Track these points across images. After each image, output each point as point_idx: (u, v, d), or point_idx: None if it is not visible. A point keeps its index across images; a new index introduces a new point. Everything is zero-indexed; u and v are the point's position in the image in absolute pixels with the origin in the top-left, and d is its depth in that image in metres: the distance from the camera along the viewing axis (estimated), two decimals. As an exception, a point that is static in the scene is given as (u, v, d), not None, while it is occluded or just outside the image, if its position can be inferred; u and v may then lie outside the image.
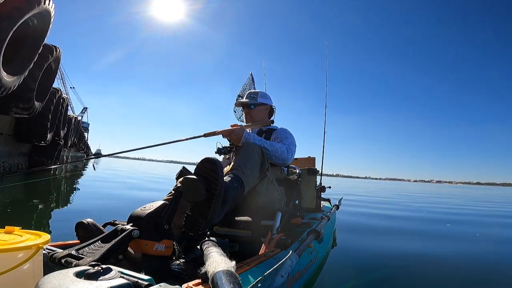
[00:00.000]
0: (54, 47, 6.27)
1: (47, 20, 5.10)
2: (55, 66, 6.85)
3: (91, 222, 1.01)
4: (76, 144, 17.27)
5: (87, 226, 1.00)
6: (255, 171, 1.34)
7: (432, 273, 1.93)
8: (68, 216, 3.11)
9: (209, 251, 0.78)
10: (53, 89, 7.60)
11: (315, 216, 2.16)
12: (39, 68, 5.77)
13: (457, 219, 5.14)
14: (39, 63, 5.65)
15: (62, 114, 9.41)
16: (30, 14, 4.42)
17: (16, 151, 7.56)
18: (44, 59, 5.87)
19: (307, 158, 2.88)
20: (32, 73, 5.47)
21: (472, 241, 3.20)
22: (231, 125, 1.60)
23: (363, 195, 10.76)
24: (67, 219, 2.86)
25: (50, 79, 6.95)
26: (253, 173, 1.32)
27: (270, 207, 1.48)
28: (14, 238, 0.73)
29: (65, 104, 9.66)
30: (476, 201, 10.93)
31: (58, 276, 0.50)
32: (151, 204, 0.94)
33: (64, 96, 9.43)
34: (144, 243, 0.87)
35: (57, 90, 8.14)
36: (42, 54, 5.67)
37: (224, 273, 0.59)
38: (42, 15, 4.86)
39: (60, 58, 6.79)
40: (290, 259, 0.95)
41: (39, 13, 4.71)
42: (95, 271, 0.53)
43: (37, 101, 6.27)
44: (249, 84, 2.83)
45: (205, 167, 1.01)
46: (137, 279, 0.58)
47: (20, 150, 7.88)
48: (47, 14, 4.98)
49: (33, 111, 6.22)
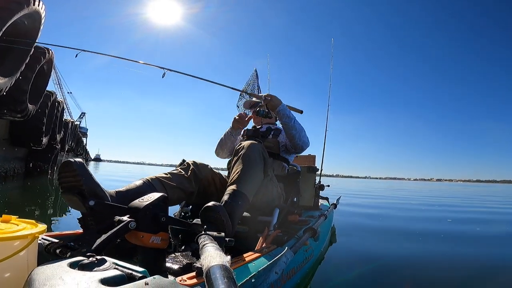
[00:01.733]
0: (47, 49, 6.24)
1: (37, 21, 5.07)
2: (48, 68, 6.80)
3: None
4: (73, 149, 17.23)
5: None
6: (258, 177, 1.33)
7: (430, 271, 1.93)
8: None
9: (205, 245, 0.78)
10: (47, 92, 7.55)
11: (312, 214, 2.16)
12: (32, 70, 5.74)
13: (457, 216, 5.14)
14: (31, 65, 5.63)
15: (57, 117, 9.36)
16: (19, 15, 4.39)
17: (11, 156, 7.52)
18: (36, 61, 5.84)
19: (307, 155, 2.88)
20: (24, 75, 5.44)
21: (472, 239, 3.19)
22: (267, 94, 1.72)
23: (363, 195, 10.77)
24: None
25: (44, 81, 6.90)
26: (257, 181, 1.31)
27: (268, 204, 1.48)
28: (11, 227, 0.73)
29: (60, 108, 9.59)
30: (476, 199, 10.94)
31: (52, 266, 0.50)
32: (149, 196, 0.94)
33: (60, 100, 9.38)
34: (141, 235, 0.87)
35: (52, 93, 8.07)
36: (34, 56, 5.65)
37: (218, 267, 0.59)
38: (32, 16, 4.84)
39: (53, 60, 6.74)
40: (285, 256, 0.96)
41: (29, 14, 4.68)
42: (90, 261, 0.53)
43: (30, 103, 6.21)
44: (253, 80, 2.82)
45: (209, 215, 1.01)
46: (132, 271, 0.58)
47: (16, 155, 7.83)
48: (37, 15, 4.95)
49: (26, 114, 6.16)
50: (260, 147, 1.38)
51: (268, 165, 1.41)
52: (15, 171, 7.62)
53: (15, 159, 7.76)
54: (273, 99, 1.67)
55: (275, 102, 1.66)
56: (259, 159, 1.34)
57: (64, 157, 14.53)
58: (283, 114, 1.66)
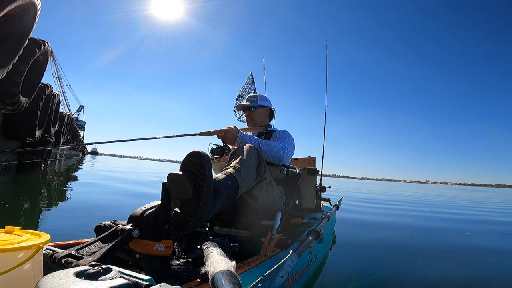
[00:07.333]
0: (42, 41, 6.09)
1: (32, 13, 4.95)
2: (43, 61, 6.66)
3: (109, 224, 1.00)
4: (69, 142, 17.18)
5: (105, 228, 0.99)
6: (251, 173, 1.32)
7: (434, 273, 1.93)
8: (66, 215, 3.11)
9: (209, 251, 0.78)
10: (42, 84, 7.41)
11: (315, 216, 2.16)
12: (25, 62, 5.61)
13: (457, 218, 5.14)
14: (24, 57, 5.50)
15: (52, 110, 9.16)
16: (13, 5, 4.25)
17: (4, 148, 7.40)
18: (30, 54, 5.71)
19: (307, 158, 2.88)
20: (16, 67, 5.30)
21: (474, 241, 3.20)
22: (227, 127, 1.60)
23: (362, 195, 10.76)
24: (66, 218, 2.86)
25: (39, 74, 6.76)
26: (249, 175, 1.30)
27: (269, 207, 1.48)
28: (14, 238, 0.73)
29: (56, 101, 9.41)
30: (472, 202, 10.97)
31: (58, 276, 0.50)
32: (151, 204, 0.94)
33: (55, 93, 9.18)
34: (144, 243, 0.87)
35: (47, 86, 7.89)
36: (29, 48, 5.50)
37: (224, 273, 0.59)
38: (27, 7, 4.72)
39: (48, 52, 6.61)
40: (290, 259, 0.95)
41: (23, 6, 4.56)
42: (95, 271, 0.53)
43: (23, 96, 6.12)
44: (249, 84, 2.84)
45: (192, 161, 0.93)
46: (137, 279, 0.58)
47: (8, 147, 7.69)
48: (32, 7, 4.83)
49: (18, 106, 6.06)
50: (256, 149, 1.40)
51: (264, 168, 1.42)
52: (8, 164, 7.53)
53: (7, 152, 7.65)
54: (228, 134, 1.55)
55: (230, 137, 1.55)
56: (254, 159, 1.36)
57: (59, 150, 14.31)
58: (244, 144, 1.50)
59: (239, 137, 1.54)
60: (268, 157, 1.60)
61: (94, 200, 4.34)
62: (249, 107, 1.91)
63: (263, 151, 1.56)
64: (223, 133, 1.55)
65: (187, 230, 0.91)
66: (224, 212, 1.45)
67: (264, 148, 1.58)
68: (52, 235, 0.79)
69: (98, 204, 3.99)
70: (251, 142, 1.54)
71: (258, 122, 1.93)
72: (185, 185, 0.89)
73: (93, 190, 5.63)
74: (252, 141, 1.55)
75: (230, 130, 1.55)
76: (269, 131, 1.88)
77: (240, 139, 1.54)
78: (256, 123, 1.93)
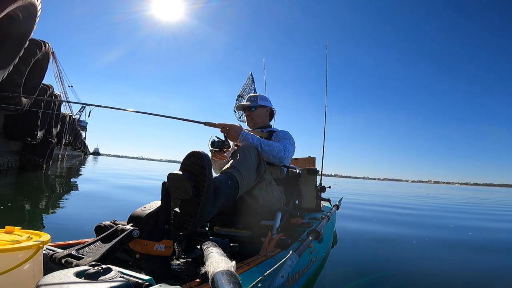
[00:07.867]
0: (43, 42, 6.07)
1: (33, 14, 4.94)
2: (44, 62, 6.65)
3: (109, 224, 1.00)
4: (71, 142, 17.20)
5: (105, 228, 0.99)
6: (251, 173, 1.32)
7: (434, 273, 1.93)
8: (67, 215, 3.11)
9: (209, 251, 0.78)
10: (44, 85, 7.39)
11: (315, 216, 2.16)
12: (26, 63, 5.60)
13: (458, 217, 5.14)
14: (25, 58, 5.49)
15: (54, 111, 9.14)
16: (13, 6, 4.24)
17: (5, 149, 7.40)
18: (31, 54, 5.69)
19: (307, 158, 2.88)
20: (17, 68, 5.30)
21: (474, 242, 3.20)
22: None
23: (363, 196, 10.75)
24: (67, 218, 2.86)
25: (40, 75, 6.76)
26: (249, 175, 1.30)
27: (270, 207, 1.48)
28: (14, 238, 0.73)
29: (57, 102, 9.46)
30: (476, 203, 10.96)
31: (58, 276, 0.50)
32: (151, 204, 0.94)
33: (57, 93, 9.18)
34: (144, 243, 0.87)
35: (49, 87, 7.86)
36: (29, 49, 5.49)
37: (224, 273, 0.59)
38: (27, 8, 4.70)
39: (49, 53, 6.60)
40: (290, 259, 0.95)
41: (24, 6, 4.54)
42: (95, 271, 0.53)
43: (24, 97, 6.13)
44: (249, 84, 2.84)
45: (192, 161, 0.93)
46: (137, 279, 0.58)
47: (10, 148, 7.70)
48: (32, 7, 4.81)
49: (19, 107, 6.06)
50: (256, 149, 1.40)
51: (264, 168, 1.42)
52: (9, 165, 7.50)
53: (9, 153, 7.64)
54: (231, 130, 1.53)
55: (233, 133, 1.53)
56: (254, 159, 1.35)
57: (62, 150, 14.35)
58: (246, 143, 1.52)
59: (241, 135, 1.54)
60: (269, 157, 1.60)
61: (94, 200, 4.34)
62: (249, 107, 1.91)
63: (264, 151, 1.56)
64: (227, 128, 1.55)
65: (187, 230, 0.91)
66: (224, 212, 1.44)
67: (266, 148, 1.58)
68: (52, 235, 0.79)
69: (98, 204, 3.99)
70: (253, 141, 1.54)
71: (258, 122, 1.93)
72: (185, 185, 0.89)
73: (93, 190, 5.63)
74: (255, 140, 1.55)
75: (234, 126, 1.55)
76: (270, 131, 1.88)
77: (243, 137, 1.54)
78: (256, 123, 1.92)
